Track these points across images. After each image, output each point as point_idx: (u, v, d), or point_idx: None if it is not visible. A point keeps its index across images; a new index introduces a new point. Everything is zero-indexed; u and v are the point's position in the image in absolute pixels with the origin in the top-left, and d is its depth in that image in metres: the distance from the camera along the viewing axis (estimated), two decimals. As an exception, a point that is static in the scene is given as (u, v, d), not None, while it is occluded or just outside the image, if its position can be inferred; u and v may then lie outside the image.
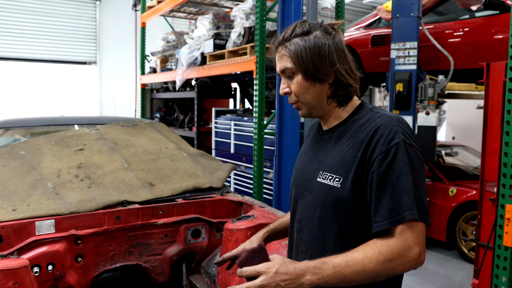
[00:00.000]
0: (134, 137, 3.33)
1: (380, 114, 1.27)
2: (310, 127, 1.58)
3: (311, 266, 1.12)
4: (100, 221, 2.46)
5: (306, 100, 1.31)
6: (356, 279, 1.12)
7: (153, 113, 8.31)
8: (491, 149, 2.73)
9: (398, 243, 1.13)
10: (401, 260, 1.12)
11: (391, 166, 1.16)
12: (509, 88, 2.26)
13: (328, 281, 1.12)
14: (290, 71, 1.30)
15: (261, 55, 4.54)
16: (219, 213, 2.91)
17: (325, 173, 1.28)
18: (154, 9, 7.51)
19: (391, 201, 1.15)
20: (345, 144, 1.27)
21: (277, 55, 1.34)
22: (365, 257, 1.12)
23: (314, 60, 1.27)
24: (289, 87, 1.32)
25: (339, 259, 1.13)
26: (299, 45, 1.28)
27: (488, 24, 4.58)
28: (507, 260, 2.33)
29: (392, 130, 1.19)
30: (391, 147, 1.17)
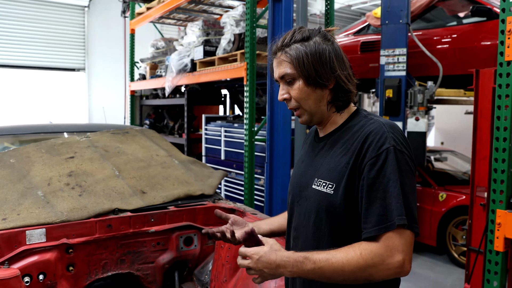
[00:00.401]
0: (125, 145, 3.31)
1: (373, 120, 1.27)
2: (308, 134, 1.59)
3: (293, 258, 1.17)
4: (92, 229, 2.44)
5: (307, 106, 1.31)
6: (335, 277, 1.15)
7: (143, 120, 8.27)
8: (481, 155, 2.76)
9: (381, 249, 1.13)
10: (382, 267, 1.12)
11: (381, 171, 1.16)
12: (499, 94, 2.29)
13: (308, 275, 1.17)
14: (290, 76, 1.30)
15: (251, 62, 4.55)
16: (211, 220, 2.89)
17: (320, 180, 1.29)
18: (143, 16, 7.50)
19: (380, 207, 1.15)
20: (338, 151, 1.28)
21: (276, 61, 1.33)
22: (345, 258, 1.13)
23: (315, 66, 1.27)
24: (289, 93, 1.32)
25: (321, 256, 1.15)
26: (300, 51, 1.28)
27: (476, 31, 4.66)
28: (498, 264, 2.35)
29: (382, 136, 1.20)
30: (381, 153, 1.17)
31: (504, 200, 2.31)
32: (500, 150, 2.31)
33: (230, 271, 2.39)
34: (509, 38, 2.26)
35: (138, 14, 7.74)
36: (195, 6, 7.01)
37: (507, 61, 2.27)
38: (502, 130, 2.30)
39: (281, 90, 1.34)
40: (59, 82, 11.05)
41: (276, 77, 1.34)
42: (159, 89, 7.71)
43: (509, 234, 2.28)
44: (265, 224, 1.61)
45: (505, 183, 2.31)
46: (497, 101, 2.32)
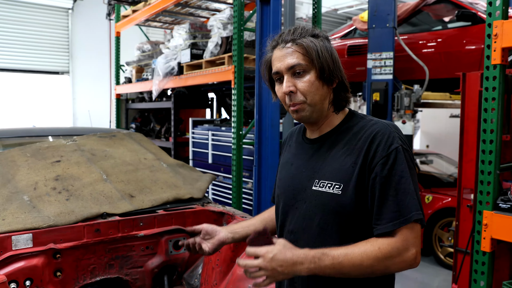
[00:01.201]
0: (112, 148, 3.27)
1: (375, 121, 1.30)
2: (287, 136, 1.57)
3: (311, 255, 1.16)
4: (80, 234, 2.40)
5: (314, 101, 1.29)
6: (352, 272, 1.16)
7: (129, 123, 8.20)
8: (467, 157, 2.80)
9: (397, 242, 1.17)
10: (398, 259, 1.16)
11: (392, 170, 1.20)
12: (486, 97, 2.32)
13: (326, 271, 1.16)
14: (301, 68, 1.27)
15: (239, 65, 4.55)
16: (201, 223, 2.86)
17: (322, 181, 1.28)
18: (129, 19, 7.45)
19: (394, 204, 1.18)
20: (341, 152, 1.29)
21: (283, 51, 1.29)
22: (364, 252, 1.15)
23: (328, 61, 1.28)
24: (295, 86, 1.29)
25: (339, 252, 1.16)
26: (315, 43, 1.28)
27: (461, 35, 4.73)
28: (485, 265, 2.37)
29: (390, 135, 1.23)
30: (391, 152, 1.21)
31: (490, 201, 2.34)
32: (486, 152, 2.34)
33: (220, 274, 2.38)
34: (496, 42, 2.30)
35: (124, 16, 7.68)
36: (182, 9, 6.99)
37: (493, 65, 2.31)
38: (489, 133, 2.33)
39: (287, 82, 1.28)
40: (43, 85, 10.91)
41: (282, 68, 1.29)
42: (145, 93, 7.66)
43: (496, 235, 2.31)
44: (241, 228, 1.58)
45: (492, 184, 2.34)
46: (484, 104, 2.35)
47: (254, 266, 1.17)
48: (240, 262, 1.20)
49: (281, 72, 1.30)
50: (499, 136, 2.31)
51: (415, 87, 4.52)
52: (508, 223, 2.25)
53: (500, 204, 2.31)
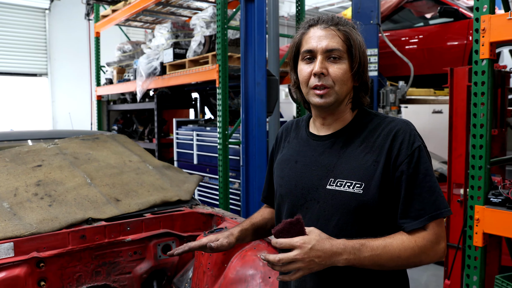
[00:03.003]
0: (95, 151, 3.18)
1: (391, 118, 1.29)
2: (282, 132, 1.52)
3: (350, 246, 1.12)
4: (64, 241, 2.31)
5: (341, 90, 1.26)
6: (388, 264, 1.16)
7: (110, 125, 8.06)
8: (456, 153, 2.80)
9: (431, 237, 1.18)
10: (431, 253, 1.18)
11: (417, 168, 1.19)
12: (475, 92, 2.32)
13: (363, 262, 1.13)
14: (339, 54, 1.24)
15: (223, 64, 4.49)
16: (189, 226, 2.81)
17: (340, 179, 1.24)
18: (109, 19, 7.30)
19: (423, 201, 1.18)
20: (358, 150, 1.25)
21: (324, 31, 1.25)
22: (402, 245, 1.15)
23: (361, 57, 1.27)
24: (326, 70, 1.24)
25: (377, 243, 1.15)
26: (355, 35, 1.26)
27: (443, 31, 4.76)
28: (477, 259, 2.37)
29: (411, 134, 1.23)
30: (414, 150, 1.21)
31: (482, 196, 2.34)
32: (477, 147, 2.34)
33: (212, 278, 2.32)
34: (484, 37, 2.29)
35: (103, 16, 7.52)
36: (163, 8, 6.89)
37: (482, 59, 2.31)
38: (479, 127, 2.32)
39: (320, 63, 1.23)
40: (20, 88, 10.65)
41: (318, 48, 1.24)
42: (127, 94, 7.54)
43: (488, 229, 2.31)
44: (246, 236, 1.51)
45: (483, 179, 2.34)
46: (473, 99, 2.34)
47: (290, 258, 1.08)
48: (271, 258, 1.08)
49: (315, 52, 1.25)
50: (489, 131, 2.31)
51: (400, 84, 4.53)
52: (499, 217, 2.25)
53: (491, 199, 2.30)
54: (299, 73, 1.30)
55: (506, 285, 2.31)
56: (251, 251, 2.33)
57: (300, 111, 5.52)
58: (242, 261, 2.26)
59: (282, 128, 1.53)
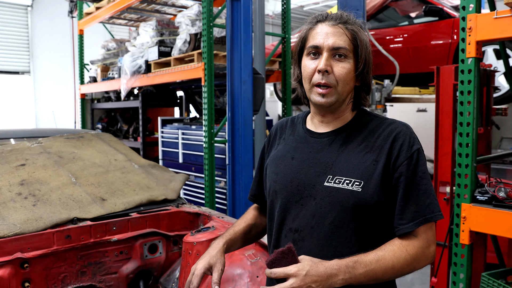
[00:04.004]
0: (80, 150, 3.13)
1: (391, 120, 1.30)
2: (276, 129, 1.50)
3: (343, 265, 1.13)
4: (49, 241, 2.26)
5: (343, 90, 1.25)
6: (383, 277, 1.16)
7: (95, 124, 7.97)
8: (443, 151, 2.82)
9: (421, 243, 1.19)
10: (422, 258, 1.19)
11: (415, 171, 1.21)
12: (461, 90, 2.34)
13: (359, 279, 1.13)
14: (345, 52, 1.23)
15: (209, 62, 4.46)
16: (176, 226, 2.79)
17: (338, 177, 1.23)
18: (92, 16, 7.21)
19: (416, 204, 1.19)
20: (358, 148, 1.26)
21: (332, 28, 1.23)
22: (394, 256, 1.16)
23: (367, 58, 1.26)
24: (331, 67, 1.23)
25: (370, 257, 1.15)
26: (362, 35, 1.25)
27: (428, 30, 4.80)
28: (464, 257, 2.39)
29: (411, 137, 1.24)
30: (414, 153, 1.22)
31: (468, 194, 2.36)
32: (463, 145, 2.36)
33: (199, 278, 2.30)
34: (470, 36, 2.31)
35: (87, 14, 7.43)
36: (147, 6, 6.83)
37: (468, 58, 2.33)
38: (466, 126, 2.34)
39: (325, 60, 1.22)
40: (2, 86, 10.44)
41: (324, 45, 1.23)
42: (112, 92, 7.45)
43: (474, 227, 2.33)
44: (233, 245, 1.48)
45: (469, 177, 2.36)
46: (460, 97, 2.36)
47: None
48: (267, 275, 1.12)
49: (321, 48, 1.24)
50: (475, 129, 2.33)
51: (385, 82, 4.55)
52: (486, 215, 2.27)
53: (477, 197, 2.32)
54: (303, 68, 1.29)
55: (492, 282, 2.33)
56: (238, 250, 2.31)
57: (286, 110, 5.52)
58: (230, 260, 2.24)
59: (276, 125, 1.51)
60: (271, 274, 1.11)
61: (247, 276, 2.12)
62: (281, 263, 1.12)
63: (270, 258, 1.14)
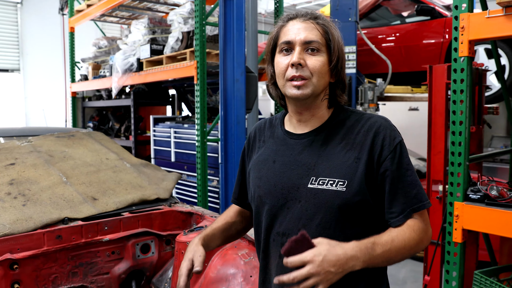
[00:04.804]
0: (71, 149, 3.09)
1: (369, 115, 1.29)
2: (254, 132, 1.48)
3: (363, 247, 1.10)
4: (39, 242, 2.24)
5: (318, 83, 1.24)
6: (397, 257, 1.16)
7: (86, 122, 7.90)
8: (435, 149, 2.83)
9: (423, 223, 1.22)
10: (425, 239, 1.22)
11: (400, 163, 1.22)
12: (454, 89, 2.34)
13: (377, 260, 1.12)
14: (317, 46, 1.23)
15: (201, 60, 4.44)
16: (169, 225, 2.77)
17: (322, 178, 1.22)
18: (83, 13, 7.14)
19: (406, 195, 1.21)
20: (339, 147, 1.24)
21: (303, 24, 1.24)
22: (405, 236, 1.17)
23: (340, 52, 1.26)
24: (304, 61, 1.22)
25: (385, 238, 1.15)
26: (334, 30, 1.26)
27: (420, 30, 4.81)
28: (457, 255, 2.40)
29: (391, 130, 1.24)
30: (396, 146, 1.22)
31: (461, 192, 2.37)
32: (456, 143, 2.36)
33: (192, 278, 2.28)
34: (463, 35, 2.31)
35: (78, 11, 7.35)
36: (139, 4, 6.78)
37: (461, 57, 2.33)
38: (458, 124, 2.35)
39: (299, 54, 1.22)
40: (-9, 84, 10.32)
41: (296, 40, 1.23)
42: (103, 90, 7.39)
43: (467, 225, 2.34)
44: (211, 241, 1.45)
45: (462, 176, 2.37)
46: (453, 96, 2.37)
47: (304, 275, 1.03)
48: (285, 278, 1.04)
49: (294, 43, 1.24)
50: (467, 128, 2.34)
51: (378, 81, 4.56)
52: (478, 214, 2.28)
53: (470, 195, 2.33)
54: (276, 65, 1.28)
55: (484, 280, 2.34)
56: (231, 250, 2.30)
57: (278, 108, 5.51)
58: (223, 260, 2.23)
59: (255, 127, 1.49)
60: (288, 264, 1.06)
61: (240, 276, 2.10)
62: (297, 251, 1.07)
63: (285, 248, 1.09)
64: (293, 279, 1.03)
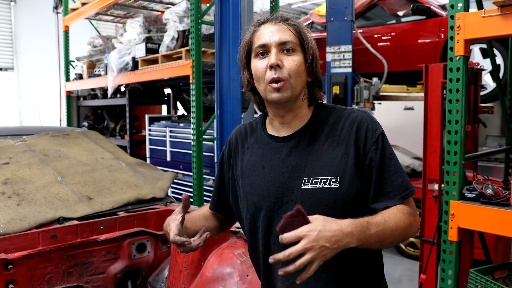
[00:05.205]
0: (66, 148, 3.07)
1: (350, 109, 1.32)
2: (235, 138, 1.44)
3: (359, 225, 1.09)
4: (34, 241, 2.22)
5: (296, 83, 1.25)
6: (388, 239, 1.16)
7: (80, 121, 7.86)
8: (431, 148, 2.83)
9: (412, 209, 1.24)
10: (414, 225, 1.23)
11: (383, 153, 1.25)
12: (450, 88, 2.34)
13: (370, 240, 1.11)
14: (292, 46, 1.24)
15: (197, 59, 4.42)
16: (164, 224, 2.75)
17: (314, 177, 1.22)
18: (78, 12, 7.09)
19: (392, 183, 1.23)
20: (325, 145, 1.26)
21: (275, 26, 1.26)
22: (396, 218, 1.17)
23: (314, 51, 1.28)
24: (281, 62, 1.24)
25: (378, 218, 1.15)
26: (305, 29, 1.29)
27: (416, 29, 4.83)
28: (452, 254, 2.41)
29: (372, 121, 1.28)
30: (378, 137, 1.26)
31: (457, 191, 2.37)
32: (452, 142, 2.37)
33: (188, 277, 2.28)
34: (459, 34, 2.31)
35: (72, 10, 7.31)
36: (134, 2, 6.74)
37: (457, 56, 2.33)
38: (454, 124, 2.36)
39: (275, 55, 1.23)
40: (-16, 82, 10.26)
41: (271, 42, 1.24)
42: (98, 89, 7.36)
43: (463, 224, 2.35)
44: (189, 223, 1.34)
45: (458, 174, 2.37)
46: (449, 95, 2.37)
47: (299, 251, 1.01)
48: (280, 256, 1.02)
49: (269, 46, 1.25)
50: (463, 127, 2.34)
51: (373, 80, 4.57)
52: (474, 212, 2.29)
53: (466, 194, 2.34)
54: (254, 70, 1.28)
55: (480, 278, 2.35)
56: (228, 249, 2.29)
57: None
58: (219, 259, 2.22)
59: (235, 133, 1.46)
60: (283, 239, 1.04)
61: (237, 275, 2.10)
62: (292, 227, 1.06)
63: (281, 224, 1.08)
64: (288, 255, 1.02)
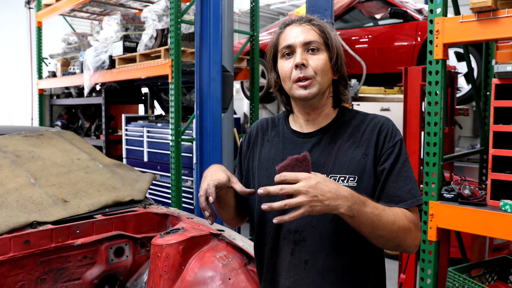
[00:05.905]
0: (40, 149, 2.98)
1: (373, 115, 1.35)
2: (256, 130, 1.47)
3: (356, 196, 1.11)
4: (5, 247, 2.13)
5: (322, 81, 1.28)
6: (383, 230, 1.15)
7: (53, 121, 7.66)
8: (410, 150, 2.87)
9: (414, 218, 1.22)
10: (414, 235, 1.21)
11: (397, 158, 1.26)
12: (429, 91, 2.37)
13: (363, 217, 1.11)
14: (317, 45, 1.27)
15: (176, 58, 4.37)
16: (143, 227, 2.70)
17: (333, 175, 1.26)
18: (52, 8, 6.92)
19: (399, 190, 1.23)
20: (346, 145, 1.29)
21: (300, 27, 1.30)
22: (396, 214, 1.17)
23: (339, 49, 1.30)
24: (307, 61, 1.26)
25: (379, 204, 1.16)
26: (329, 28, 1.31)
27: (393, 32, 4.88)
28: (432, 254, 2.44)
29: (393, 128, 1.31)
30: (396, 143, 1.28)
31: (435, 192, 2.41)
32: (431, 144, 2.40)
33: (169, 281, 2.23)
34: (437, 38, 2.34)
35: (46, 5, 7.12)
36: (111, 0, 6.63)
37: (435, 59, 2.36)
38: (433, 125, 2.39)
39: (300, 55, 1.26)
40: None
41: (296, 42, 1.28)
42: (72, 88, 7.19)
43: (442, 224, 2.39)
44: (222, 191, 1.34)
45: (437, 175, 2.40)
46: (428, 98, 2.40)
47: (294, 189, 1.03)
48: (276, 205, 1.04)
49: (294, 47, 1.28)
50: (442, 129, 2.37)
51: (352, 82, 4.60)
52: (452, 212, 2.33)
53: (444, 194, 2.38)
54: (280, 70, 1.32)
55: (458, 277, 2.39)
56: (209, 252, 2.26)
57: (254, 108, 5.49)
58: (201, 262, 2.19)
59: (256, 125, 1.50)
60: (281, 176, 1.06)
61: (219, 279, 2.07)
62: (293, 170, 1.06)
63: (282, 164, 1.07)
64: (284, 205, 1.05)
